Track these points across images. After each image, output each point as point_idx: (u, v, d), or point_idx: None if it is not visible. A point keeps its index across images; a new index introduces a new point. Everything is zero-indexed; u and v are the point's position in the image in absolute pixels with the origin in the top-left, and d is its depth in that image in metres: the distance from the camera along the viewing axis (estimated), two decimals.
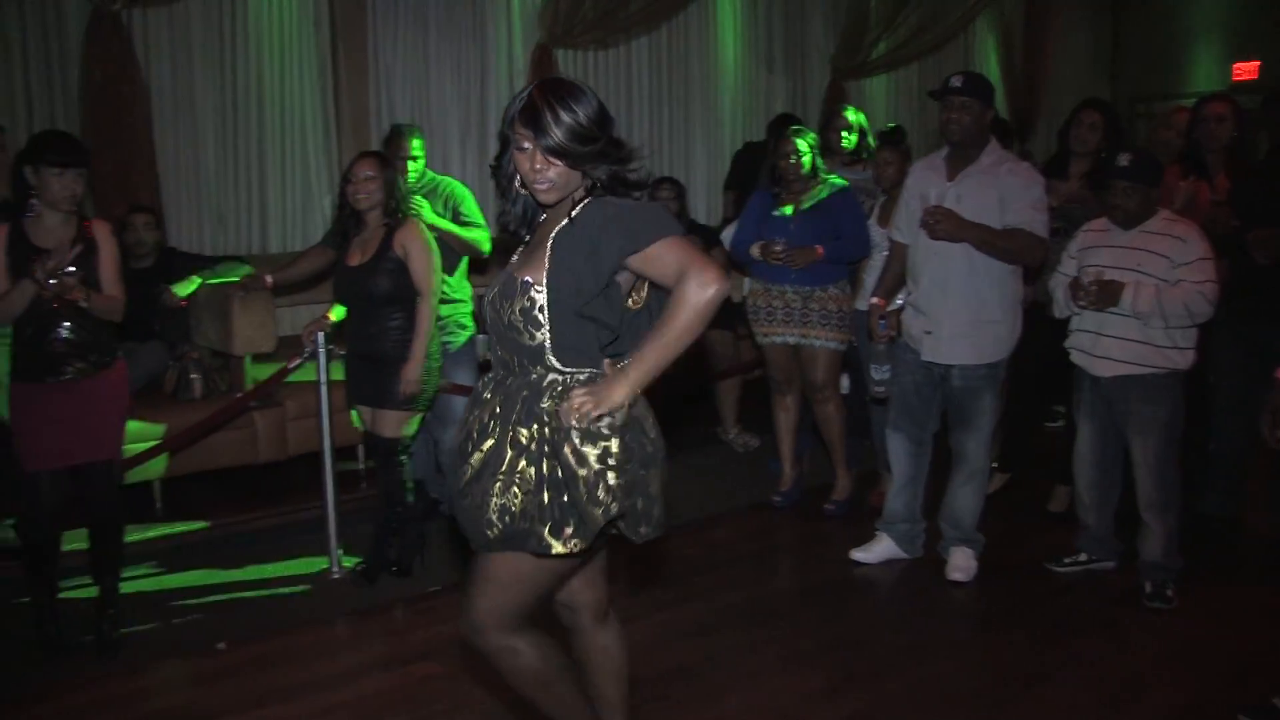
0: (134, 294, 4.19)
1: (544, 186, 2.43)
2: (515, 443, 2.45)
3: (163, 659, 4.02)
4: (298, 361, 4.82)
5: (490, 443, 2.49)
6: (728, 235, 5.77)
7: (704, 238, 6.80)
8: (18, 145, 4.70)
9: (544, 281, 2.43)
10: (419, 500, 4.82)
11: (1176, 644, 4.04)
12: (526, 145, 2.40)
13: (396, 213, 4.43)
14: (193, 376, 5.56)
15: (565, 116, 2.36)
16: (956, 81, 4.39)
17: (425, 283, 4.37)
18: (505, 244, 2.71)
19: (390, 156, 4.83)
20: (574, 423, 2.36)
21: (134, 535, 4.79)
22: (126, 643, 4.11)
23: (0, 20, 6.41)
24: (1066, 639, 4.08)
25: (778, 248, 5.11)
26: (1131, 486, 4.38)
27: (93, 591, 4.16)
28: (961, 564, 4.61)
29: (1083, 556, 4.64)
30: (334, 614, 4.39)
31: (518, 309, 2.45)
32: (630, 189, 2.49)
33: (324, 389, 4.70)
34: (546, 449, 2.42)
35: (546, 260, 2.44)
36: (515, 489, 2.43)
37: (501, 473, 2.45)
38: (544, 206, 2.53)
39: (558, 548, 2.42)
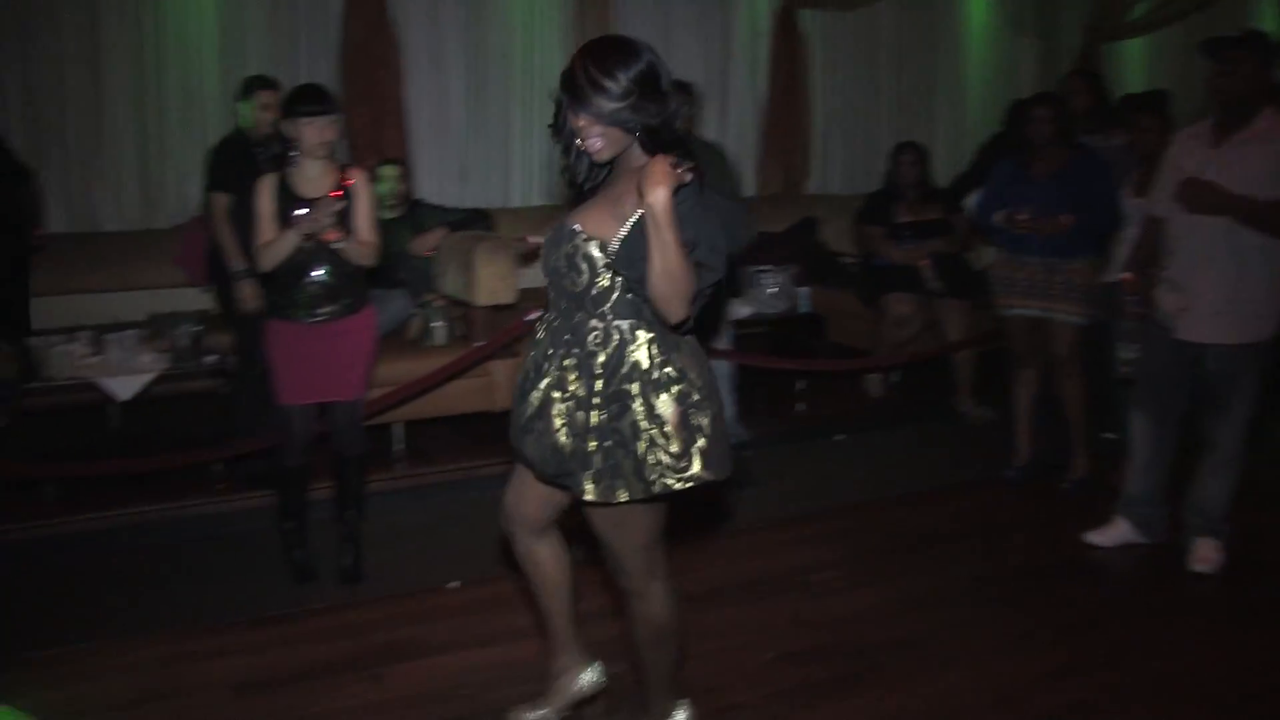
0: (382, 243, 4.34)
1: (596, 146, 2.51)
2: (562, 385, 2.60)
3: (399, 593, 4.19)
4: (538, 313, 4.90)
5: (545, 381, 2.64)
6: (973, 202, 5.59)
7: (945, 202, 6.63)
8: None
9: (603, 237, 2.50)
10: None
11: None
12: (571, 109, 2.49)
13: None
14: (435, 324, 5.73)
15: (601, 80, 2.42)
16: (1231, 35, 4.11)
17: None
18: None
19: None
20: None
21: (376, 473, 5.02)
22: (366, 574, 4.32)
23: None
24: None
25: (1022, 216, 4.93)
26: None
27: (337, 524, 4.38)
28: (1206, 554, 4.35)
29: None
30: None
31: (563, 254, 2.57)
32: (674, 143, 2.51)
33: None
34: (596, 400, 2.54)
35: (623, 229, 2.47)
36: (566, 429, 2.59)
37: (553, 413, 2.60)
38: (603, 164, 2.60)
39: (591, 494, 2.56)
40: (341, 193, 4.03)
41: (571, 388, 2.57)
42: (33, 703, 3.35)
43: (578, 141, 2.55)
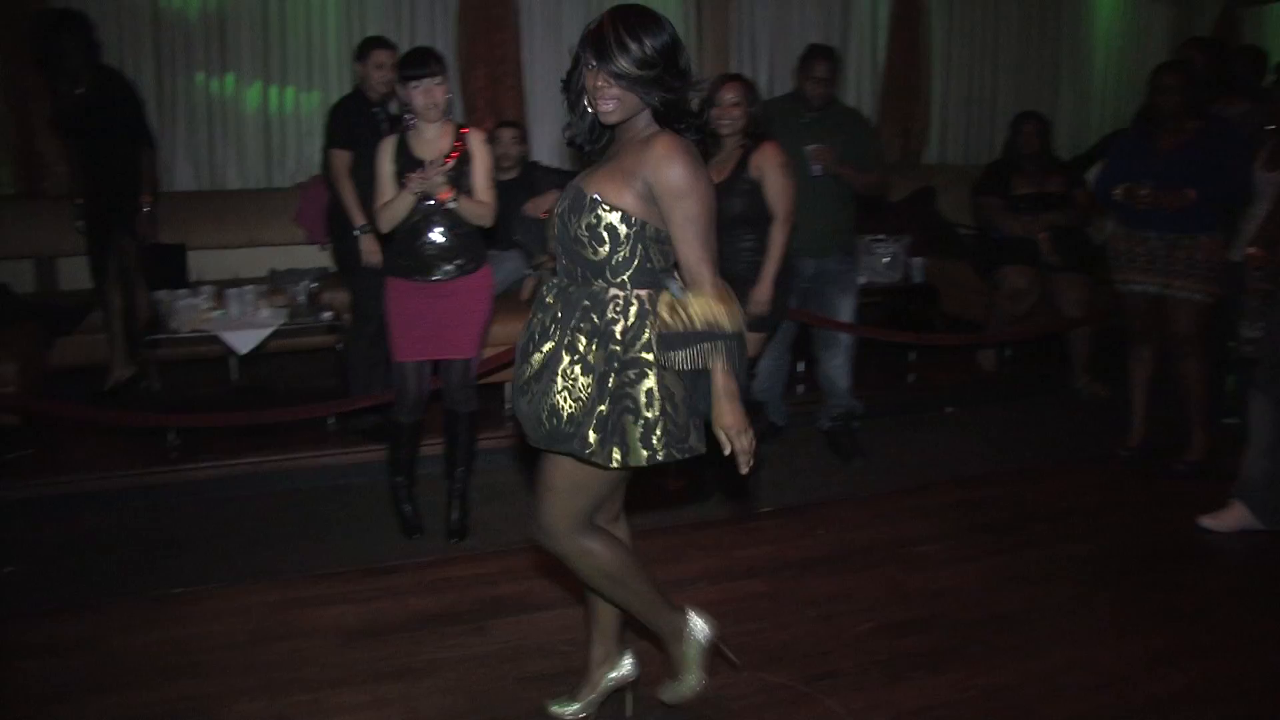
0: (498, 204, 4.38)
1: (608, 107, 2.51)
2: (573, 348, 2.58)
3: (505, 549, 4.25)
4: None
5: (550, 345, 2.63)
6: (1094, 175, 5.45)
7: (1066, 175, 6.48)
8: None
9: (624, 207, 2.51)
10: (758, 422, 4.84)
11: None
12: (591, 65, 2.50)
13: (755, 135, 4.42)
14: None
15: (629, 43, 2.45)
16: None
17: (780, 205, 4.35)
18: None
19: (803, 77, 4.89)
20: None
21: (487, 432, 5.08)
22: (473, 530, 4.40)
23: None
24: None
25: (1144, 191, 4.78)
26: None
27: (447, 480, 4.45)
28: None
29: None
30: (668, 525, 4.51)
31: (584, 224, 2.55)
32: (688, 119, 2.56)
33: None
34: (615, 365, 2.53)
35: (635, 193, 2.51)
36: (567, 393, 2.58)
37: (557, 375, 2.59)
38: (609, 126, 2.60)
39: (598, 456, 2.55)
40: (457, 154, 4.08)
41: (581, 350, 2.57)
42: (151, 639, 3.50)
43: (586, 101, 2.57)
